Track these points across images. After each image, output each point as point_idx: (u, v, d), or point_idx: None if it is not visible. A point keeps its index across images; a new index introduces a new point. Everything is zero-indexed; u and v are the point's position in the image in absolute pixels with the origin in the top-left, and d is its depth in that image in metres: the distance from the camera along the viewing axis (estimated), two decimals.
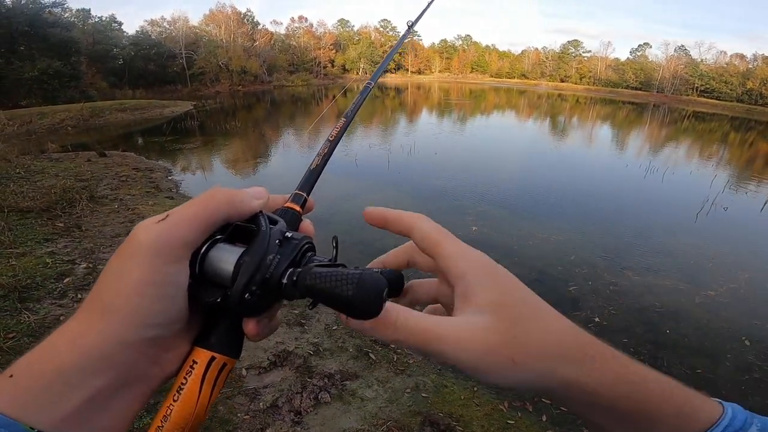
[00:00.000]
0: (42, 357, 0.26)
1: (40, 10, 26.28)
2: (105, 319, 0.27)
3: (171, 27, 44.15)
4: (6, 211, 5.01)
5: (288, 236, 0.32)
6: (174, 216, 0.28)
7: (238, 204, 0.31)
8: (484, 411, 2.71)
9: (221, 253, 0.30)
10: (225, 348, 0.31)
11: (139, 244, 0.27)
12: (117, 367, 0.27)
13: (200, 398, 0.29)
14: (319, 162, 0.44)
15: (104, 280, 0.28)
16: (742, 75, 53.17)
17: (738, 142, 21.35)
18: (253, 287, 0.29)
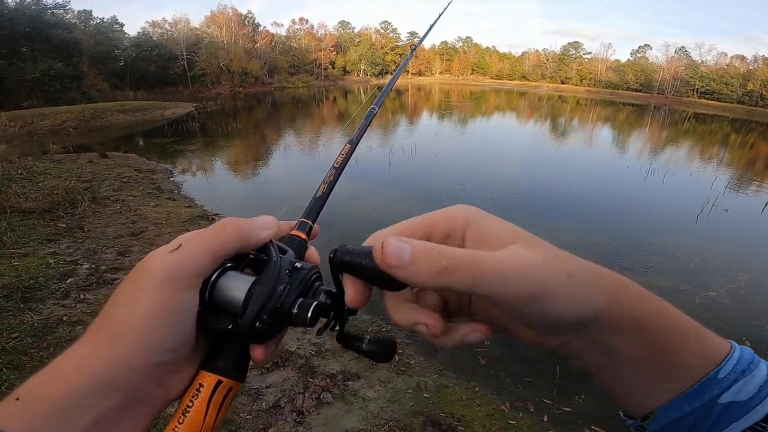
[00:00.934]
0: (49, 380, 0.26)
1: (42, 12, 26.35)
2: (113, 344, 0.27)
3: (172, 28, 44.28)
4: (9, 212, 5.03)
5: (297, 267, 0.33)
6: (186, 247, 0.29)
7: (248, 236, 0.31)
8: (486, 411, 2.72)
9: (231, 282, 0.31)
10: (232, 372, 0.32)
11: (151, 273, 0.28)
12: (123, 391, 0.27)
13: (206, 421, 0.30)
14: (324, 189, 0.45)
15: (113, 306, 0.28)
16: (742, 76, 53.21)
17: (738, 144, 21.36)
18: (264, 316, 0.30)
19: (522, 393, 2.99)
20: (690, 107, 46.97)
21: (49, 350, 2.77)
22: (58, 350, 2.06)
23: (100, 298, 3.51)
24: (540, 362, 3.32)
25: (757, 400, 0.27)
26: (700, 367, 0.28)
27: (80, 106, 18.27)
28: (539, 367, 3.28)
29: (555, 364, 3.25)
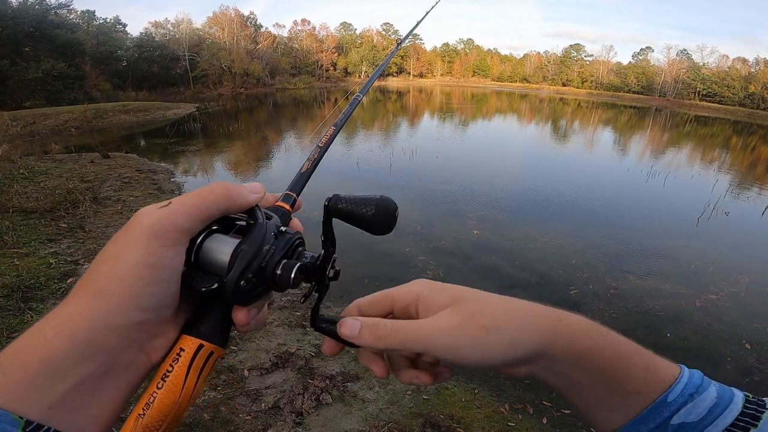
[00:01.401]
0: (28, 344, 0.26)
1: (46, 12, 26.42)
2: (94, 301, 0.27)
3: (174, 29, 44.44)
4: (11, 212, 5.05)
5: (282, 230, 0.34)
6: (175, 204, 0.30)
7: (236, 197, 0.32)
8: (485, 413, 2.72)
9: (218, 244, 0.31)
10: (214, 337, 0.31)
11: (140, 227, 0.28)
12: (104, 353, 0.26)
13: (185, 386, 0.29)
14: (309, 166, 0.46)
15: (98, 263, 0.28)
16: (744, 79, 53.17)
17: (740, 147, 21.33)
18: (250, 275, 0.30)
19: (521, 395, 2.99)
20: (691, 110, 46.94)
21: None
22: None
23: None
24: None
25: (707, 421, 0.30)
26: (650, 392, 0.32)
27: (82, 107, 18.31)
28: None
29: None
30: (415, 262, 4.88)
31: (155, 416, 0.28)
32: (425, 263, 4.88)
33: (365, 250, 4.92)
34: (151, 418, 0.28)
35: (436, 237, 5.78)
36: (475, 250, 5.54)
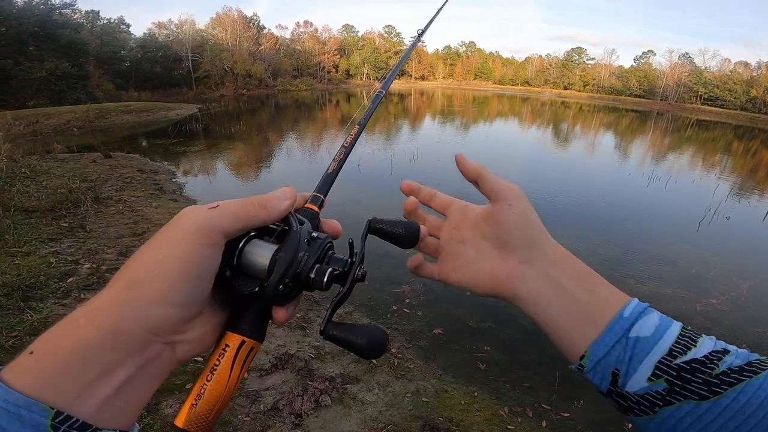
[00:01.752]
0: (61, 332, 0.27)
1: (50, 11, 26.51)
2: (127, 291, 0.27)
3: (178, 30, 44.58)
4: (12, 210, 5.06)
5: (314, 236, 0.37)
6: (222, 208, 0.31)
7: (271, 210, 0.34)
8: (484, 416, 2.71)
9: (257, 249, 0.34)
10: (254, 333, 0.34)
11: (186, 222, 0.29)
12: (131, 344, 0.27)
13: (231, 378, 0.32)
14: (335, 167, 0.48)
15: (141, 252, 0.29)
16: (745, 83, 53.19)
17: (741, 151, 21.31)
18: (287, 280, 0.33)
19: (521, 398, 2.98)
20: (693, 114, 46.96)
21: None
22: None
23: None
24: (539, 368, 3.32)
25: (657, 336, 0.35)
26: (613, 306, 0.38)
27: (85, 106, 18.36)
28: (538, 372, 3.27)
29: (555, 369, 3.24)
30: None
31: (206, 406, 0.31)
32: None
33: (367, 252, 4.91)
34: (203, 408, 0.31)
35: None
36: None
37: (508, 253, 0.43)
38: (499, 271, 0.43)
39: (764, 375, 0.32)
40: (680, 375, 0.34)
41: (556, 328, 0.40)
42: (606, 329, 0.37)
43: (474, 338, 3.64)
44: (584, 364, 0.38)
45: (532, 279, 0.41)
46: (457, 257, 0.46)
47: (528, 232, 0.43)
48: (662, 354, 0.35)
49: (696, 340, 0.35)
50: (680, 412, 0.33)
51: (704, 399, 0.32)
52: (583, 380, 0.39)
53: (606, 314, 0.37)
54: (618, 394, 0.36)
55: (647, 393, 0.35)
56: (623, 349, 0.36)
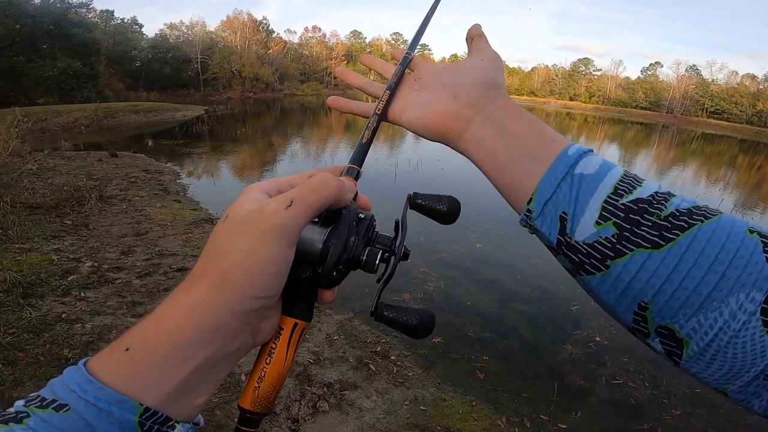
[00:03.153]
0: (159, 329, 0.27)
1: (66, 10, 26.80)
2: (221, 289, 0.28)
3: (189, 31, 45.10)
4: (18, 207, 5.09)
5: (361, 217, 0.36)
6: (297, 205, 0.30)
7: (342, 197, 0.33)
8: (482, 426, 2.68)
9: (309, 233, 0.34)
10: (304, 314, 0.35)
11: (270, 226, 0.29)
12: (223, 337, 0.28)
13: (287, 359, 0.34)
14: (369, 135, 0.46)
15: (226, 252, 0.29)
16: (752, 96, 53.11)
17: (746, 166, 21.23)
18: (340, 266, 0.34)
19: (519, 408, 2.95)
20: (698, 127, 46.87)
21: (45, 347, 2.78)
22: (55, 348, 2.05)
23: (100, 296, 3.53)
24: (538, 378, 3.29)
25: (601, 173, 0.34)
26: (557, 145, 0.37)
27: (93, 105, 18.51)
28: (537, 383, 3.24)
29: (553, 380, 3.21)
30: (416, 273, 4.86)
31: (267, 388, 0.33)
32: (426, 275, 4.86)
33: None
34: (265, 390, 0.33)
35: (438, 249, 5.76)
36: (476, 264, 5.52)
37: (461, 98, 0.42)
38: (447, 111, 0.42)
39: (715, 220, 0.30)
40: (628, 217, 0.32)
41: (501, 173, 0.39)
42: (551, 166, 0.35)
43: (473, 348, 3.62)
44: (532, 209, 0.36)
45: (478, 122, 0.40)
46: (410, 100, 0.46)
47: (487, 88, 0.42)
48: (608, 192, 0.33)
49: (640, 181, 0.34)
50: (633, 264, 0.31)
51: (657, 247, 0.30)
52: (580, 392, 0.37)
53: (550, 152, 0.36)
54: (568, 246, 0.34)
55: (596, 241, 0.32)
56: (569, 187, 0.34)
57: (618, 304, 0.33)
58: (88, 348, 2.83)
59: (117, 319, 3.22)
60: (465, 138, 0.41)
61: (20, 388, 2.42)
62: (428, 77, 0.46)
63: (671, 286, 0.29)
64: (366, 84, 0.52)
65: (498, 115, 0.40)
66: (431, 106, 0.43)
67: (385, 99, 0.47)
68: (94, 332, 3.01)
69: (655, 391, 3.26)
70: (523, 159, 0.37)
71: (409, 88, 0.47)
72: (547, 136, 0.38)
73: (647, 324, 0.31)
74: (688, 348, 0.30)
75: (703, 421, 3.01)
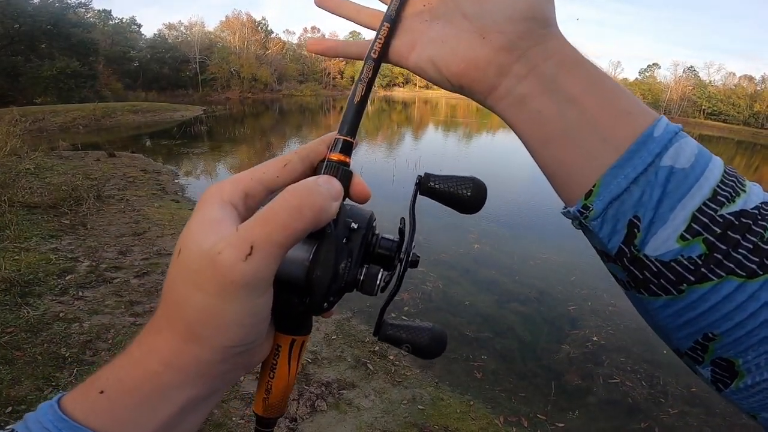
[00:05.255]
0: (135, 374, 0.25)
1: (65, 10, 26.77)
2: (198, 344, 0.25)
3: (187, 32, 45.08)
4: (15, 206, 5.08)
5: (354, 228, 0.30)
6: (260, 250, 0.24)
7: (323, 219, 0.26)
8: (479, 425, 2.69)
9: (292, 254, 0.28)
10: (301, 330, 0.34)
11: (232, 285, 0.24)
12: (212, 379, 0.27)
13: (290, 371, 0.34)
14: (363, 91, 0.33)
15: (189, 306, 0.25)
16: (749, 97, 53.35)
17: (743, 167, 21.31)
18: (331, 297, 0.29)
19: (516, 408, 2.96)
20: (696, 128, 47.01)
21: (42, 346, 2.77)
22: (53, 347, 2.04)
23: (98, 296, 3.52)
24: (535, 378, 3.30)
25: (698, 169, 0.25)
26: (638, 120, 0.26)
27: (92, 105, 18.48)
28: (534, 382, 3.25)
29: (551, 380, 3.22)
30: (415, 273, 4.87)
31: (276, 397, 0.34)
32: (425, 275, 4.87)
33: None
34: (273, 399, 0.34)
35: (436, 250, 5.77)
36: (474, 264, 5.53)
37: (492, 39, 0.29)
38: (472, 57, 0.30)
39: None
40: (725, 234, 0.24)
41: (548, 147, 0.29)
42: (628, 150, 0.26)
43: (471, 347, 3.62)
44: (590, 205, 0.27)
45: (518, 73, 0.29)
46: (418, 33, 0.33)
47: (531, 25, 0.28)
48: (704, 197, 0.25)
49: (743, 184, 0.26)
50: (716, 294, 0.24)
51: (753, 276, 0.24)
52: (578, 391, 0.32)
53: (626, 130, 0.26)
54: (632, 259, 0.26)
55: (675, 260, 0.25)
56: (650, 185, 0.25)
57: (677, 331, 0.27)
58: (86, 347, 2.83)
59: (115, 318, 3.21)
60: (497, 94, 0.30)
61: (18, 387, 2.42)
62: (441, 1, 0.32)
63: (753, 322, 0.24)
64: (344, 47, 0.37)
65: (549, 67, 0.28)
66: (449, 46, 0.31)
67: (383, 35, 0.33)
68: (92, 331, 3.00)
69: (652, 390, 3.27)
70: (583, 134, 0.27)
71: (417, 16, 0.33)
72: (622, 105, 0.27)
73: (705, 353, 0.27)
74: (740, 380, 0.26)
75: (700, 420, 3.03)
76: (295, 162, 0.31)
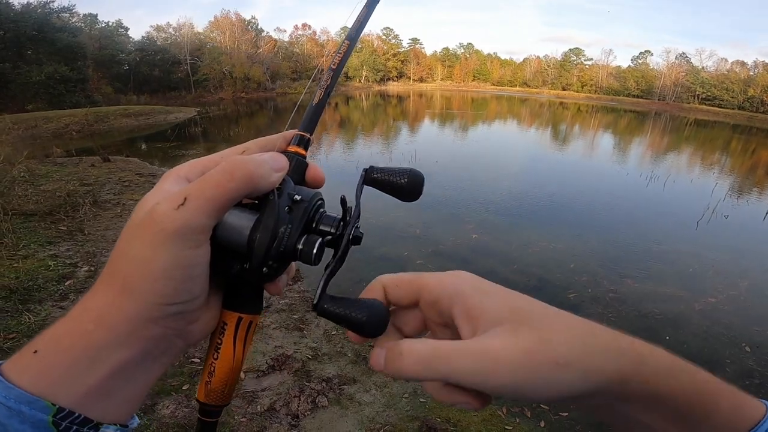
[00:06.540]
0: (69, 332, 0.26)
1: (48, 15, 26.55)
2: (131, 298, 0.26)
3: (176, 33, 44.68)
4: (10, 214, 5.06)
5: (297, 199, 0.32)
6: (193, 200, 0.26)
7: (258, 182, 0.28)
8: (482, 416, 2.71)
9: (233, 221, 0.29)
10: (249, 307, 0.33)
11: (161, 229, 0.26)
12: (143, 341, 0.27)
13: (236, 353, 0.33)
14: (321, 96, 0.39)
15: (123, 259, 0.27)
16: (743, 82, 53.33)
17: (739, 151, 21.36)
18: (270, 261, 0.30)
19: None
20: (691, 113, 47.05)
21: None
22: None
23: None
24: None
25: None
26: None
27: (84, 110, 18.37)
28: None
29: None
30: (413, 266, 4.88)
31: (219, 382, 0.33)
32: (423, 267, 4.88)
33: (363, 253, 4.92)
34: (216, 384, 0.33)
35: (434, 241, 5.78)
36: (473, 254, 5.55)
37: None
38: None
39: None
40: None
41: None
42: None
43: None
44: None
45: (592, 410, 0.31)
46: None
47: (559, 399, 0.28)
48: None
49: None
50: None
51: None
52: None
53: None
54: None
55: None
56: None
57: None
58: None
59: None
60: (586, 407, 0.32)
61: None
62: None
63: None
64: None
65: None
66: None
67: (344, 50, 0.40)
68: None
69: None
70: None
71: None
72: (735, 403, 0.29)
73: None
74: None
75: None
76: (252, 149, 0.34)
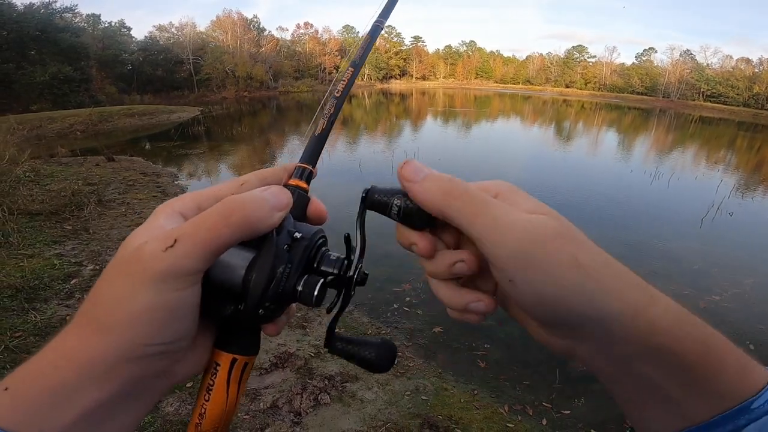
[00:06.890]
0: (38, 370, 0.25)
1: (51, 15, 26.69)
2: (107, 337, 0.25)
3: (179, 33, 44.81)
4: (16, 214, 5.10)
5: (297, 237, 0.30)
6: (183, 243, 0.25)
7: (256, 224, 0.27)
8: (484, 414, 2.71)
9: (228, 258, 0.28)
10: (244, 348, 0.31)
11: (147, 269, 0.25)
12: (119, 381, 0.25)
13: (229, 396, 0.31)
14: (324, 126, 0.37)
15: (103, 298, 0.26)
16: (748, 79, 52.84)
17: (745, 148, 21.18)
18: (266, 303, 0.28)
19: (521, 396, 2.98)
20: (696, 111, 46.68)
21: None
22: None
23: None
24: (540, 366, 3.31)
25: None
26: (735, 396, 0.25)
27: (88, 110, 18.47)
28: (539, 370, 3.27)
29: (555, 367, 3.23)
30: (415, 264, 4.87)
31: (209, 424, 0.30)
32: None
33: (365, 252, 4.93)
34: (207, 427, 0.30)
35: None
36: None
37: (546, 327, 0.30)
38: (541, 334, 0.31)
39: None
40: None
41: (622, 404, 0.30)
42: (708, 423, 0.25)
43: (474, 337, 3.64)
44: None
45: (587, 355, 0.29)
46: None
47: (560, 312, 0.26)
48: None
49: None
50: None
51: None
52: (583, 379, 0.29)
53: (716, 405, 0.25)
54: None
55: None
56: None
57: None
58: None
59: None
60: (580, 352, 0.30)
61: None
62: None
63: None
64: None
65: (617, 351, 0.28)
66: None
67: (347, 77, 0.39)
68: None
69: None
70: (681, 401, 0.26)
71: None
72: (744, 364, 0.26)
73: None
74: None
75: None
76: (252, 183, 0.32)
